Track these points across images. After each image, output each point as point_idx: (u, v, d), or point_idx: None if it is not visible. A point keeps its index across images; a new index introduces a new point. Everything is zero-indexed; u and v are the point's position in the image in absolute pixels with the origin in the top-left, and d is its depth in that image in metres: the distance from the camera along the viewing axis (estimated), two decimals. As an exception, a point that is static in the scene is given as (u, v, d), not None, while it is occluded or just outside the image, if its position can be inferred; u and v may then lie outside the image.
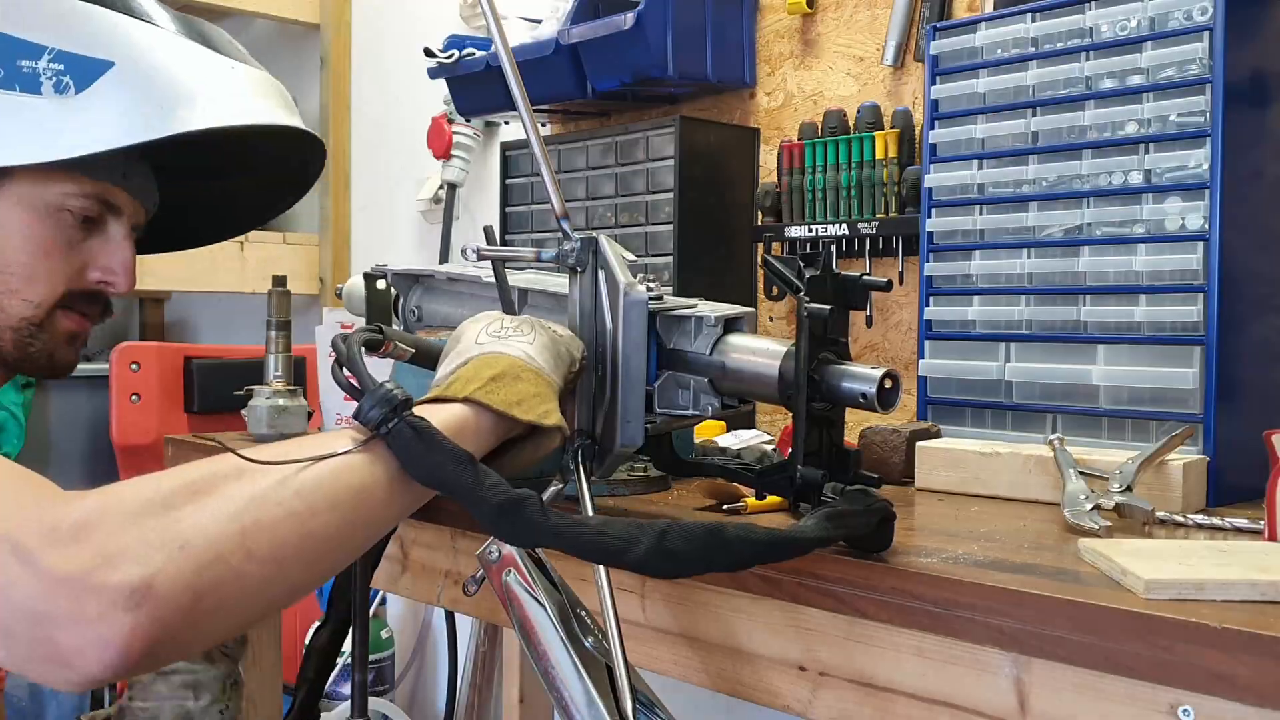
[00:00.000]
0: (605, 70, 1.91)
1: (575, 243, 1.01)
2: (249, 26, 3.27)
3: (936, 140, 1.49)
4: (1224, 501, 1.21)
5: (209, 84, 1.10)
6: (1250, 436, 1.12)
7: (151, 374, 2.53)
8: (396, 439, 0.77)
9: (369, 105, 2.96)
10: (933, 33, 1.50)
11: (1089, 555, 0.92)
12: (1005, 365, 1.41)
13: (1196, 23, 1.27)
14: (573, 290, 1.03)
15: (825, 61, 1.86)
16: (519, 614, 0.90)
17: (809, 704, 0.99)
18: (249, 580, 0.70)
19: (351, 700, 1.57)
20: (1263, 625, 0.73)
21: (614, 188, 1.94)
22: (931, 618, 0.88)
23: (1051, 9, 1.39)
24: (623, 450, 0.99)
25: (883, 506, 0.93)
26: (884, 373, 0.94)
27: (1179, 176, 1.28)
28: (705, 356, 1.03)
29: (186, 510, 0.70)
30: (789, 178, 1.81)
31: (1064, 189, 1.37)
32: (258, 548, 0.71)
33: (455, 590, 1.33)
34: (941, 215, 1.48)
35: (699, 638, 1.07)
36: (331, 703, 2.52)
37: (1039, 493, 1.21)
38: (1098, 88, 1.35)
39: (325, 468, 0.75)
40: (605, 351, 1.00)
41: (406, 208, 2.79)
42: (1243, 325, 1.27)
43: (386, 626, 2.74)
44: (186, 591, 0.67)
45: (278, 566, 0.72)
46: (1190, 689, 0.75)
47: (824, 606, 0.95)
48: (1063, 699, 0.82)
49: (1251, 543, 1.00)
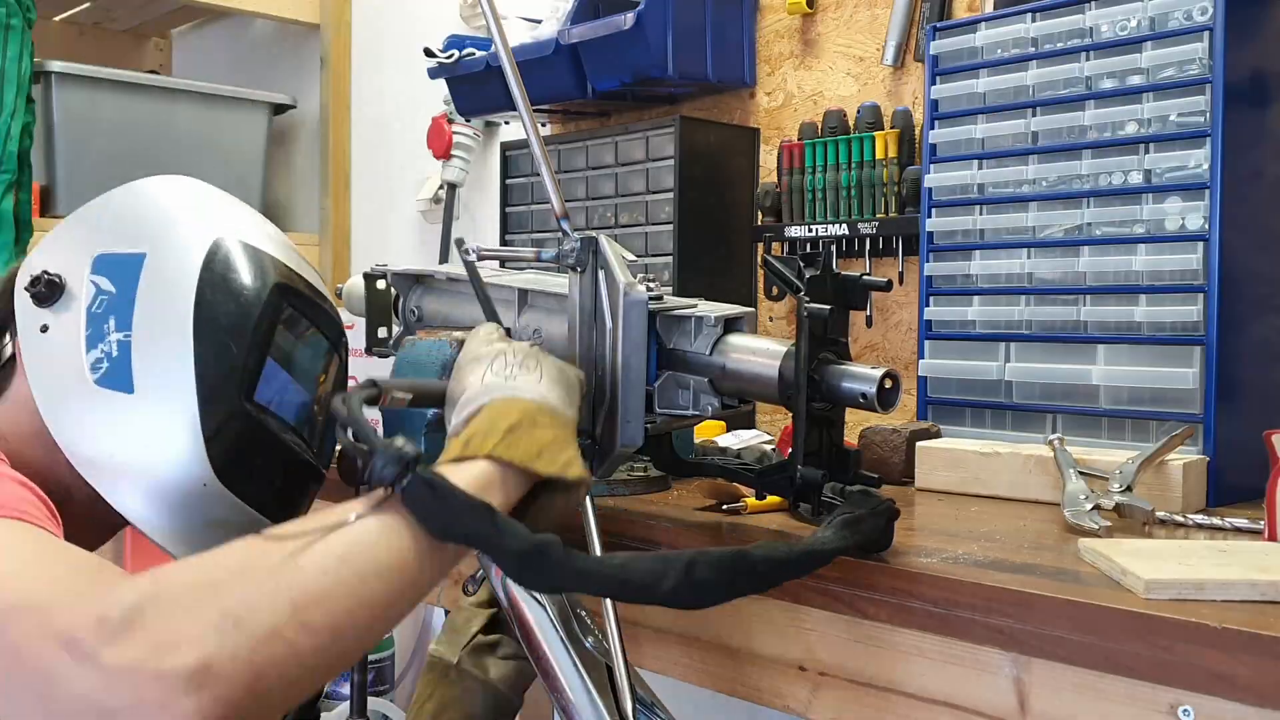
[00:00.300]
0: (605, 70, 1.91)
1: (575, 243, 1.01)
2: (249, 26, 3.27)
3: (936, 140, 1.49)
4: (1224, 501, 1.21)
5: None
6: (1250, 436, 1.12)
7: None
8: (411, 496, 0.75)
9: (369, 105, 2.96)
10: (933, 33, 1.50)
11: (1089, 555, 0.92)
12: (1005, 365, 1.41)
13: (1196, 23, 1.27)
14: (573, 290, 1.03)
15: (825, 61, 1.86)
16: (519, 614, 0.90)
17: (809, 704, 0.99)
18: (304, 653, 0.69)
19: (351, 701, 1.57)
20: (1263, 625, 0.73)
21: (614, 188, 1.94)
22: (931, 618, 0.88)
23: (1051, 9, 1.39)
24: (623, 450, 0.99)
25: (888, 507, 0.93)
26: (884, 373, 0.94)
27: (1179, 176, 1.28)
28: (705, 356, 1.03)
29: (234, 588, 0.69)
30: (789, 178, 1.81)
31: (1064, 189, 1.37)
32: (311, 620, 0.70)
33: (455, 590, 1.33)
34: (941, 215, 1.48)
35: (699, 638, 1.07)
36: (331, 703, 2.52)
37: (1039, 493, 1.21)
38: (1098, 88, 1.35)
39: (365, 532, 0.74)
40: (605, 352, 1.00)
41: (406, 208, 2.79)
42: (1243, 325, 1.27)
43: (386, 626, 2.74)
44: (246, 670, 0.66)
45: (333, 636, 0.71)
46: (1190, 689, 0.75)
47: (824, 606, 0.95)
48: (1063, 699, 0.82)
49: (1251, 543, 1.00)
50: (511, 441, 0.81)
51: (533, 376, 0.88)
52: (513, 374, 0.88)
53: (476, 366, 0.90)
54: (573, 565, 0.76)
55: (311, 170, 3.06)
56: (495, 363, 0.90)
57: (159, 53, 3.52)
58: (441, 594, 1.35)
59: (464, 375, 0.90)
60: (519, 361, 0.90)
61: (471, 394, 0.87)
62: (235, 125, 2.90)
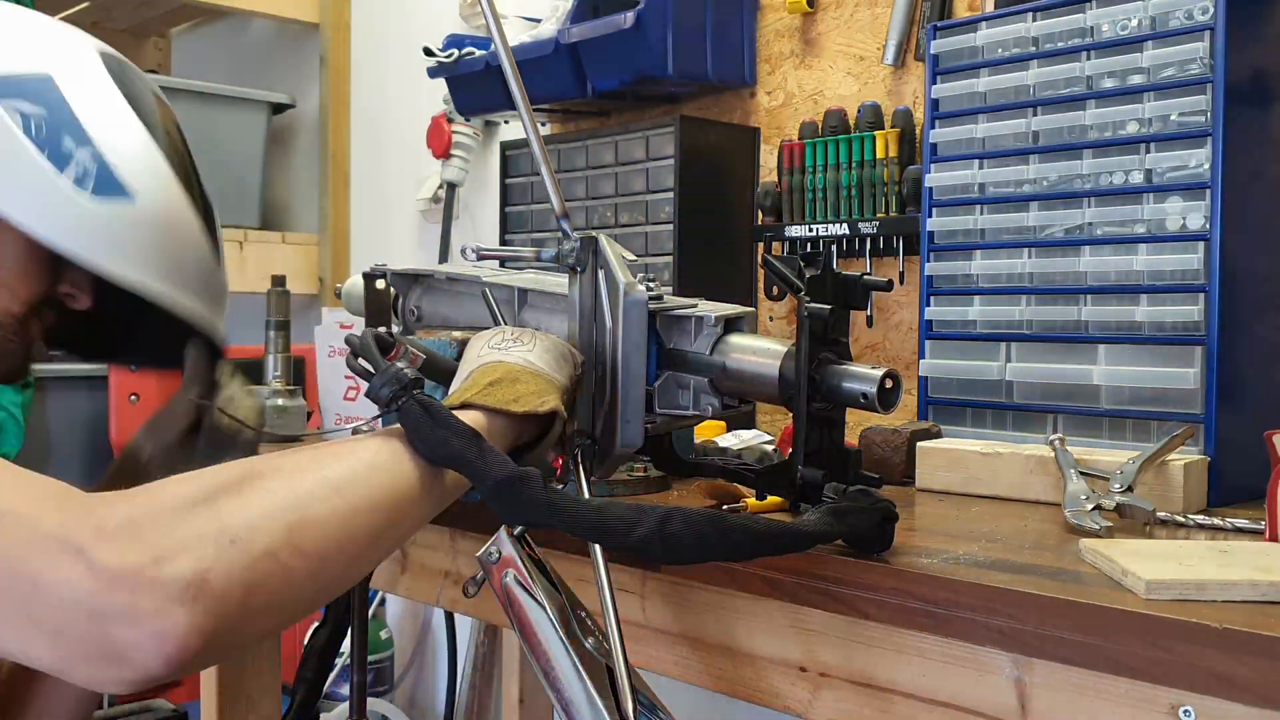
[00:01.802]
0: (605, 70, 1.91)
1: (575, 243, 1.01)
2: (249, 26, 3.27)
3: (937, 140, 1.49)
4: (1225, 502, 1.21)
5: (193, 269, 1.15)
6: (1251, 436, 1.12)
7: (151, 374, 2.52)
8: (406, 415, 0.79)
9: (368, 105, 2.95)
10: (933, 32, 1.50)
11: (1090, 556, 0.92)
12: (1006, 365, 1.41)
13: (1197, 22, 1.27)
14: (573, 290, 1.02)
15: (826, 61, 1.86)
16: (519, 615, 0.90)
17: (809, 704, 0.99)
18: (296, 576, 0.71)
19: (350, 702, 1.57)
20: (1263, 626, 0.72)
21: (614, 188, 1.94)
22: (932, 618, 0.87)
23: (1052, 8, 1.39)
24: (623, 450, 0.99)
25: (885, 505, 0.93)
26: (884, 373, 0.94)
27: (1180, 176, 1.28)
28: (705, 356, 1.03)
29: (233, 506, 0.70)
30: (789, 177, 1.81)
31: (1065, 189, 1.37)
32: (304, 544, 0.72)
33: (455, 591, 1.33)
34: (942, 215, 1.48)
35: (699, 638, 1.07)
36: (331, 703, 2.51)
37: (1040, 493, 1.21)
38: (1099, 87, 1.35)
39: (361, 466, 0.77)
40: (605, 351, 1.00)
41: (406, 207, 2.79)
42: (1244, 325, 1.26)
43: (386, 627, 2.74)
44: (239, 586, 0.68)
45: (322, 563, 0.73)
46: (1191, 689, 0.75)
47: (824, 607, 0.95)
48: (1063, 700, 0.82)
49: (1252, 543, 1.00)
50: (489, 391, 0.86)
51: (525, 348, 0.93)
52: (506, 346, 0.93)
53: (477, 341, 0.96)
54: (547, 499, 0.79)
55: (311, 170, 3.06)
56: (494, 338, 0.95)
57: (158, 52, 3.52)
58: (441, 595, 1.35)
59: (468, 351, 0.96)
60: (514, 337, 0.95)
61: (466, 362, 0.93)
62: (234, 125, 2.90)
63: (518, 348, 0.93)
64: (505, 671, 2.39)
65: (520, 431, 0.87)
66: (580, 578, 1.05)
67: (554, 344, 0.95)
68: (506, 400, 0.86)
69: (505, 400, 0.86)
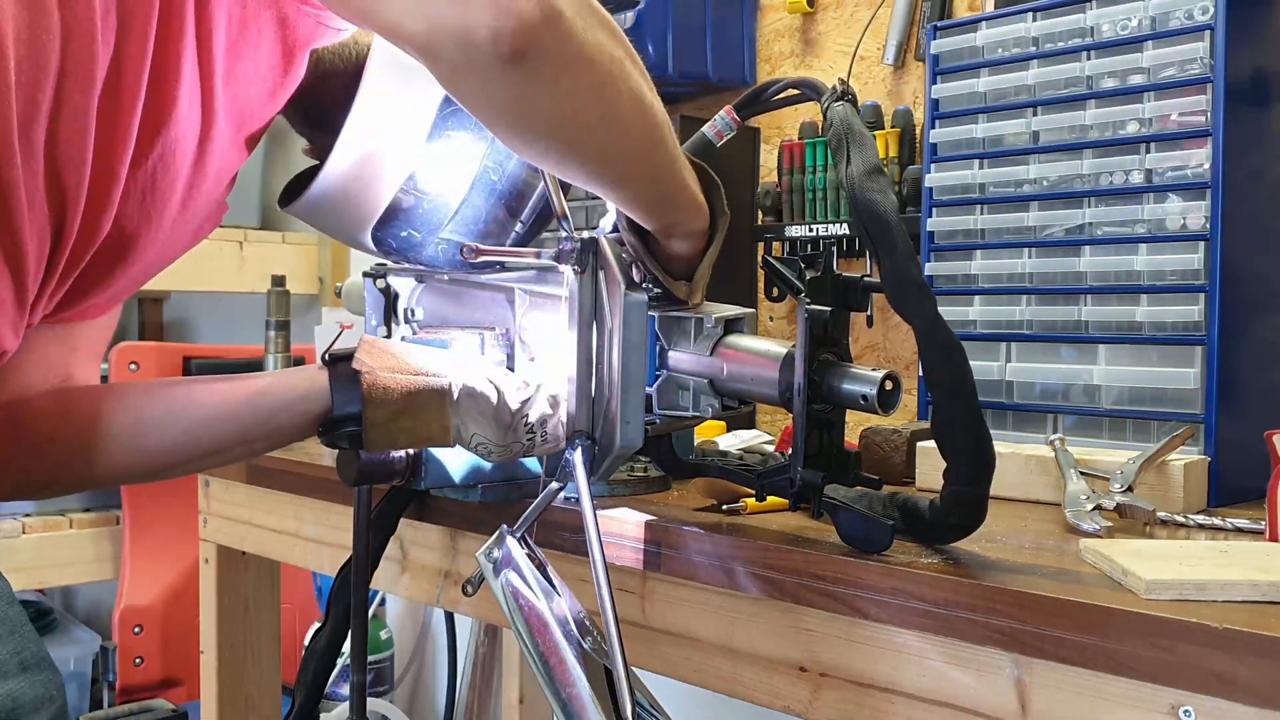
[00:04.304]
0: (605, 70, 1.91)
1: (575, 243, 1.01)
2: (249, 26, 3.27)
3: (937, 140, 1.49)
4: (1225, 502, 1.21)
5: None
6: (1251, 436, 1.12)
7: (150, 374, 2.52)
8: None
9: (369, 105, 2.95)
10: (933, 32, 1.50)
11: (1090, 556, 0.92)
12: (1006, 365, 1.41)
13: (1198, 22, 1.27)
14: (573, 290, 1.02)
15: (826, 61, 1.86)
16: (518, 615, 0.90)
17: (809, 705, 0.99)
18: (602, 86, 0.83)
19: (350, 702, 1.57)
20: (1264, 626, 0.72)
21: (614, 187, 1.94)
22: (932, 618, 0.87)
23: (1052, 8, 1.39)
24: (623, 451, 0.99)
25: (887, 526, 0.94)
26: (885, 374, 0.94)
27: (1180, 176, 1.28)
28: (705, 358, 1.03)
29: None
30: (789, 177, 1.81)
31: (1065, 188, 1.37)
32: (615, 93, 0.85)
33: (455, 591, 1.33)
34: (942, 215, 1.48)
35: (699, 638, 1.07)
36: (331, 703, 2.51)
37: (1040, 493, 1.21)
38: (1099, 87, 1.35)
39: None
40: (605, 352, 1.00)
41: (406, 208, 2.78)
42: (1244, 325, 1.26)
43: (386, 627, 2.74)
44: (577, 38, 0.79)
45: (617, 112, 0.86)
46: (1191, 689, 0.75)
47: (824, 607, 0.95)
48: (1064, 700, 0.82)
49: (1252, 543, 1.00)
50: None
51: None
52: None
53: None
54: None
55: (311, 170, 3.05)
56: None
57: (159, 52, 3.51)
58: (441, 595, 1.35)
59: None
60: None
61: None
62: (235, 125, 2.89)
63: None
64: (505, 671, 2.39)
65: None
66: (580, 578, 1.05)
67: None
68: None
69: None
